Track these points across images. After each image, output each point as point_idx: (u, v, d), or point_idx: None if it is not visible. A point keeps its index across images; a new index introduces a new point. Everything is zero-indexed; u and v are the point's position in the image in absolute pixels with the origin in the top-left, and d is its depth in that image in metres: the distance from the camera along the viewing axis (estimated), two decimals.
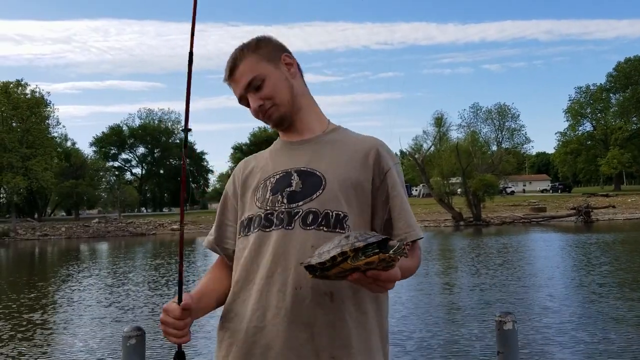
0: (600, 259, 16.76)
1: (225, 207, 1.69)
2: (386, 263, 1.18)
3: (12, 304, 12.51)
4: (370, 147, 1.56)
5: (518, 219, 42.21)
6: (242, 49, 1.63)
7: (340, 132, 1.65)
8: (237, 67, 1.60)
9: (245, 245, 1.53)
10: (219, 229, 1.67)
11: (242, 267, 1.52)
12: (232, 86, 1.63)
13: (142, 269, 19.75)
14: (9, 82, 57.86)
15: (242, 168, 1.71)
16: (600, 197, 53.61)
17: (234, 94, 1.65)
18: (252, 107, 1.61)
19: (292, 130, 1.65)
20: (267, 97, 1.59)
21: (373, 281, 1.20)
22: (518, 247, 22.56)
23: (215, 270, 1.67)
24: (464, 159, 43.61)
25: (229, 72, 1.63)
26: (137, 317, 10.32)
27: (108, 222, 51.53)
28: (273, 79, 1.60)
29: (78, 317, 10.60)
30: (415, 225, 1.55)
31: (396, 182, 1.54)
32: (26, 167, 53.81)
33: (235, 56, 1.62)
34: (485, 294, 11.45)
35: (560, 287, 12.10)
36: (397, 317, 9.25)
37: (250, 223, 1.55)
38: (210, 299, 1.58)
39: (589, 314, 9.18)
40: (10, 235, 45.22)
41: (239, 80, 1.61)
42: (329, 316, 1.41)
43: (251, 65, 1.60)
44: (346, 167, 1.52)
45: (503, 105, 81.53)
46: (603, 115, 76.50)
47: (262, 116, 1.62)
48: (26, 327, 9.84)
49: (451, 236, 31.92)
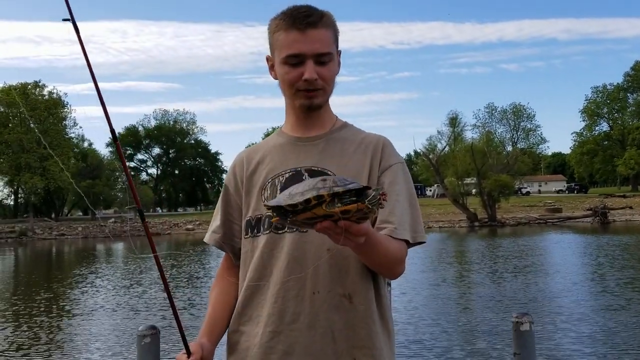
0: (620, 262, 16.55)
1: (229, 204, 1.61)
2: (362, 214, 1.08)
3: (29, 303, 12.66)
4: (376, 146, 1.54)
5: (533, 219, 41.86)
6: (323, 13, 1.48)
7: (347, 130, 1.60)
8: (317, 25, 1.45)
9: (254, 247, 1.50)
10: (225, 226, 1.61)
11: (254, 270, 1.49)
12: (298, 37, 1.44)
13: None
14: (27, 84, 58.59)
15: (245, 162, 1.61)
16: (617, 198, 52.95)
17: (288, 44, 1.45)
18: (307, 73, 1.45)
19: (306, 122, 1.57)
20: (323, 78, 1.48)
21: (342, 232, 1.10)
22: (534, 248, 22.35)
23: (221, 282, 1.62)
24: (478, 159, 43.31)
25: (307, 20, 1.44)
26: (152, 316, 10.38)
27: (124, 222, 51.90)
28: (334, 65, 1.51)
29: (93, 316, 10.69)
30: (407, 225, 1.44)
31: (396, 180, 1.49)
32: (44, 168, 54.42)
33: (319, 15, 1.47)
34: (502, 295, 11.36)
35: (577, 289, 11.96)
36: (413, 317, 9.20)
37: (259, 223, 1.51)
38: (222, 325, 1.55)
39: (607, 317, 9.06)
40: (28, 234, 45.81)
41: (314, 42, 1.45)
42: (348, 318, 1.40)
43: (328, 39, 1.48)
44: (356, 167, 1.50)
45: (518, 105, 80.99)
46: (620, 115, 75.57)
47: (304, 91, 1.48)
48: (42, 325, 9.94)
49: (466, 237, 31.72)
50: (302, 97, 1.49)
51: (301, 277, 1.41)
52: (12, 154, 55.12)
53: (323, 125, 1.57)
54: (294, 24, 1.44)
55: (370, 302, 1.43)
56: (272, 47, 1.53)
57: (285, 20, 1.46)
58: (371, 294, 1.44)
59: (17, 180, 56.58)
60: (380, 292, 1.47)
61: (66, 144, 60.38)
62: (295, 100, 1.51)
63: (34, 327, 9.75)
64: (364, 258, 1.38)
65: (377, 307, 1.45)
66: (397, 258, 1.40)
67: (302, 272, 1.41)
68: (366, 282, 1.43)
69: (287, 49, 1.45)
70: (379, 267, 1.41)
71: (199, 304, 11.37)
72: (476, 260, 18.53)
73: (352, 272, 1.42)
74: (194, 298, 12.26)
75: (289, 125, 1.60)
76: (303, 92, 1.48)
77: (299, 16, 1.44)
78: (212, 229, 1.63)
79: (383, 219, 1.42)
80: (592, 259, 17.79)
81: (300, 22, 1.43)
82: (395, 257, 1.39)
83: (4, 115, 56.60)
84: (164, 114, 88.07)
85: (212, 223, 1.65)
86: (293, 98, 1.51)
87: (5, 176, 58.61)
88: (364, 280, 1.43)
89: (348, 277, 1.42)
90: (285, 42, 1.45)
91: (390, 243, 1.37)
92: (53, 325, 9.98)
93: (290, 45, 1.45)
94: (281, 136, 1.61)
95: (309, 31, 1.43)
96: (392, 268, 1.42)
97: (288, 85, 1.49)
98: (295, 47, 1.44)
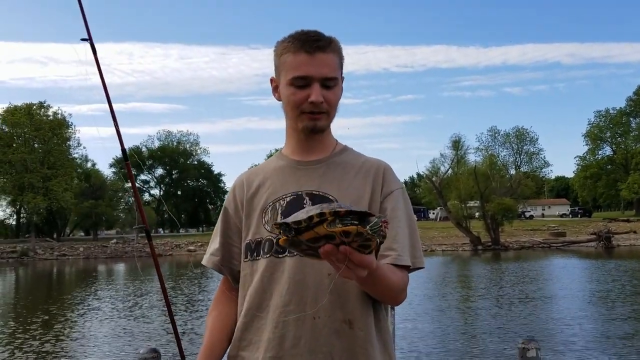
0: (628, 288, 16.35)
1: (228, 227, 1.60)
2: (362, 240, 1.08)
3: (28, 325, 12.53)
4: (377, 171, 1.54)
5: (537, 243, 41.60)
6: (331, 38, 1.50)
7: (348, 154, 1.59)
8: (326, 50, 1.47)
9: (254, 271, 1.49)
10: (223, 248, 1.59)
11: (254, 294, 1.47)
12: (306, 60, 1.45)
13: (157, 290, 19.70)
14: (32, 104, 58.97)
15: (245, 185, 1.60)
16: (621, 223, 52.65)
17: (296, 66, 1.46)
18: (313, 96, 1.45)
19: (307, 145, 1.56)
20: (328, 102, 1.48)
21: (344, 259, 1.08)
22: (539, 273, 22.16)
23: (219, 306, 1.60)
24: (481, 183, 43.23)
25: (316, 44, 1.45)
26: (153, 339, 10.24)
27: (126, 242, 51.79)
28: (338, 91, 1.52)
29: (93, 338, 10.56)
30: (407, 251, 1.44)
31: (397, 206, 1.50)
32: (47, 188, 54.48)
33: (327, 40, 1.48)
34: (507, 321, 11.20)
35: (584, 315, 11.80)
36: (417, 343, 9.06)
37: (259, 247, 1.50)
38: (221, 350, 1.53)
39: (614, 344, 8.92)
40: (30, 254, 45.66)
41: (321, 66, 1.45)
42: (348, 344, 1.40)
43: (335, 64, 1.49)
44: (357, 191, 1.50)
45: (521, 128, 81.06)
46: (623, 140, 75.60)
47: (309, 113, 1.48)
48: (42, 348, 9.82)
49: (470, 261, 31.50)
50: (307, 119, 1.49)
51: (302, 301, 1.40)
52: (15, 173, 55.23)
53: (324, 149, 1.57)
54: (302, 47, 1.45)
55: (370, 327, 1.43)
56: (278, 68, 1.52)
57: (293, 43, 1.46)
58: (371, 320, 1.44)
59: (19, 200, 56.59)
60: (380, 317, 1.47)
61: (69, 164, 60.53)
62: (299, 122, 1.50)
63: (32, 350, 9.63)
64: (366, 289, 1.38)
65: (377, 333, 1.45)
66: (400, 288, 1.41)
67: (304, 296, 1.41)
68: (366, 307, 1.43)
69: (294, 71, 1.45)
70: (381, 297, 1.43)
71: (197, 327, 11.23)
72: (481, 285, 18.35)
73: (353, 297, 1.42)
74: (193, 321, 12.12)
75: (289, 148, 1.59)
76: (308, 115, 1.48)
77: (308, 40, 1.45)
78: (211, 251, 1.62)
79: (386, 245, 1.40)
80: (598, 284, 17.59)
81: (309, 45, 1.44)
82: (398, 287, 1.40)
83: (9, 135, 56.88)
84: (168, 135, 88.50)
85: (211, 245, 1.63)
86: (297, 120, 1.50)
87: (8, 196, 58.66)
88: (364, 305, 1.43)
89: (349, 303, 1.42)
90: (293, 64, 1.46)
91: (394, 274, 1.38)
92: (51, 347, 9.84)
93: (297, 67, 1.45)
94: (282, 159, 1.60)
95: (317, 55, 1.45)
96: (394, 297, 1.43)
97: (293, 106, 1.48)
98: (302, 69, 1.44)
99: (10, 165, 54.89)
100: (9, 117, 55.58)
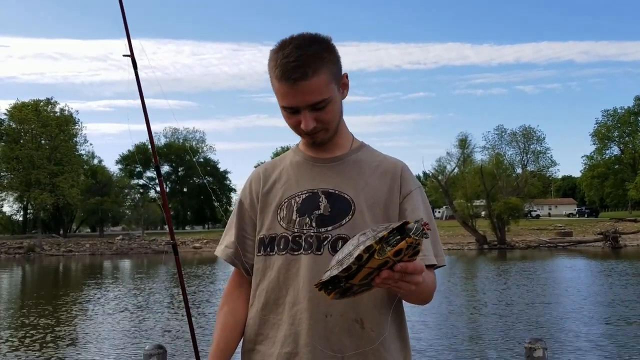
0: (634, 289, 16.24)
1: (243, 219, 1.59)
2: (412, 249, 1.08)
3: (34, 320, 12.58)
4: (395, 170, 1.53)
5: (544, 243, 41.45)
6: (317, 55, 1.39)
7: (365, 151, 1.58)
8: (308, 77, 1.37)
9: (267, 266, 1.50)
10: (239, 241, 1.58)
11: (270, 289, 1.49)
12: (288, 91, 1.39)
13: (163, 287, 19.77)
14: (39, 101, 59.19)
15: (262, 179, 1.59)
16: (628, 222, 52.30)
17: (281, 96, 1.42)
18: (303, 125, 1.43)
19: (321, 146, 1.54)
20: (323, 122, 1.45)
21: (401, 277, 1.12)
22: (546, 273, 22.07)
23: (230, 301, 1.59)
24: (488, 182, 43.11)
25: (294, 76, 1.37)
26: (158, 335, 10.26)
27: (131, 239, 51.98)
28: (334, 104, 1.46)
29: (99, 335, 10.59)
30: (431, 250, 1.45)
31: (417, 206, 1.49)
32: (53, 184, 54.72)
33: (310, 62, 1.38)
34: (513, 320, 11.16)
35: (591, 315, 11.74)
36: (424, 344, 9.03)
37: (273, 243, 1.50)
38: (232, 347, 1.55)
39: (621, 344, 8.86)
40: (36, 250, 45.89)
41: (305, 94, 1.39)
42: (359, 343, 1.41)
43: (323, 85, 1.40)
44: (373, 191, 1.49)
45: (528, 127, 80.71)
46: (631, 139, 75.17)
47: (306, 135, 1.48)
48: (47, 345, 9.85)
49: (476, 260, 31.42)
50: (307, 137, 1.50)
51: (315, 300, 1.40)
52: (22, 170, 55.47)
53: (340, 146, 1.56)
54: (283, 76, 1.38)
55: (382, 328, 1.43)
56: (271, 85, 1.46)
57: (276, 68, 1.39)
58: (383, 320, 1.43)
59: (26, 196, 56.88)
60: (394, 318, 1.47)
61: (76, 160, 60.76)
62: (302, 138, 1.54)
63: (38, 346, 9.66)
64: (411, 297, 1.39)
65: (390, 333, 1.45)
66: (435, 287, 1.45)
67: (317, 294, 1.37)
68: (379, 307, 1.44)
69: (281, 100, 1.43)
70: (417, 299, 1.42)
71: (204, 324, 11.24)
72: (486, 284, 18.30)
73: (365, 297, 1.38)
74: (200, 318, 12.13)
75: (305, 144, 1.59)
76: (305, 136, 1.50)
77: (288, 68, 1.36)
78: (225, 243, 1.60)
79: None
80: (605, 285, 17.50)
81: (289, 75, 1.36)
82: (434, 286, 1.44)
83: (16, 131, 57.14)
84: (174, 132, 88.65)
85: (225, 237, 1.61)
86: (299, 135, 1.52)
87: (15, 192, 58.95)
88: (376, 305, 1.44)
89: (361, 302, 1.41)
90: (278, 91, 1.42)
91: (428, 275, 1.38)
92: (58, 343, 9.88)
93: (283, 97, 1.42)
94: (298, 154, 1.60)
95: (299, 84, 1.37)
96: (428, 297, 1.45)
97: (291, 128, 1.49)
98: (287, 100, 1.41)
99: (17, 161, 55.16)
100: (16, 113, 55.81)
